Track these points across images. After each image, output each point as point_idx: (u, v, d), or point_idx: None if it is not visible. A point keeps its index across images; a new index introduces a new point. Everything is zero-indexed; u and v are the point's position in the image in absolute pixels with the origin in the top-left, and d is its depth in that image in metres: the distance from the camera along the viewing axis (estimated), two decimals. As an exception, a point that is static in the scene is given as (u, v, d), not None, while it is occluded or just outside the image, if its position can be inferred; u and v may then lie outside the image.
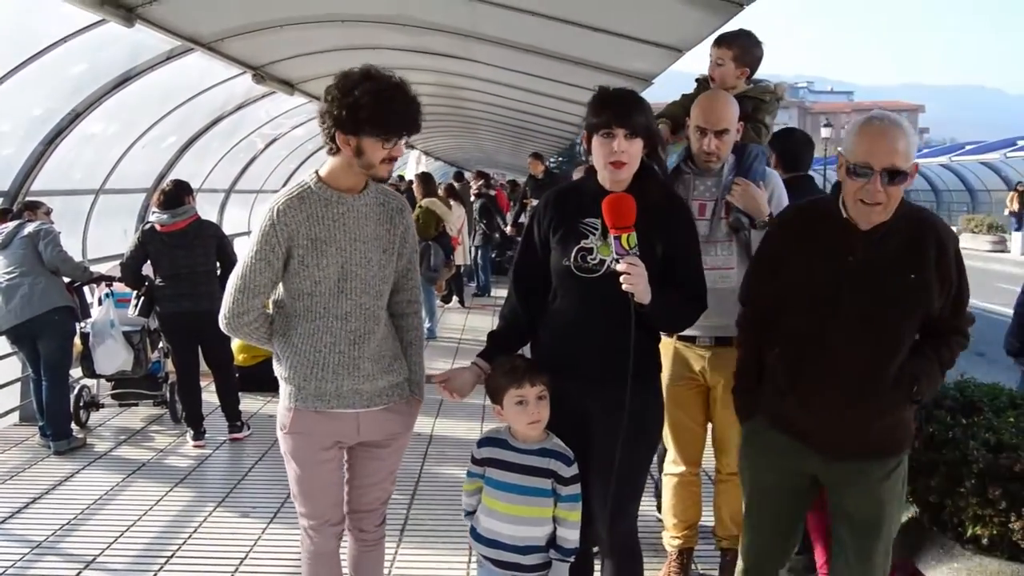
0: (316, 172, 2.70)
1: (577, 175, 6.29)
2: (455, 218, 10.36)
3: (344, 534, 2.91)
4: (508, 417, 2.61)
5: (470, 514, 2.75)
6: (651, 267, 2.54)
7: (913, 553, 3.34)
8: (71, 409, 5.66)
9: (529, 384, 2.57)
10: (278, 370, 2.76)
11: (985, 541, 3.14)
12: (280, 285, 2.70)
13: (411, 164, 16.31)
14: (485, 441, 2.67)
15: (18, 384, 6.20)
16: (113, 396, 6.15)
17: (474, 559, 3.84)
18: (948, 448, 3.29)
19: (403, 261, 2.82)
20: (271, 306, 2.76)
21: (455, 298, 11.61)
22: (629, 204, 2.51)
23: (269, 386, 3.05)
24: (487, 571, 2.68)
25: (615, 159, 2.56)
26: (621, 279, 2.48)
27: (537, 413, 2.58)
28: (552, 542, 2.61)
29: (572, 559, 2.62)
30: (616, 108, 2.59)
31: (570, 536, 2.59)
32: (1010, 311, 5.36)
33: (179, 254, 5.46)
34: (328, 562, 2.85)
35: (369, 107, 2.50)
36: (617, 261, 2.50)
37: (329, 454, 2.75)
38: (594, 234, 2.63)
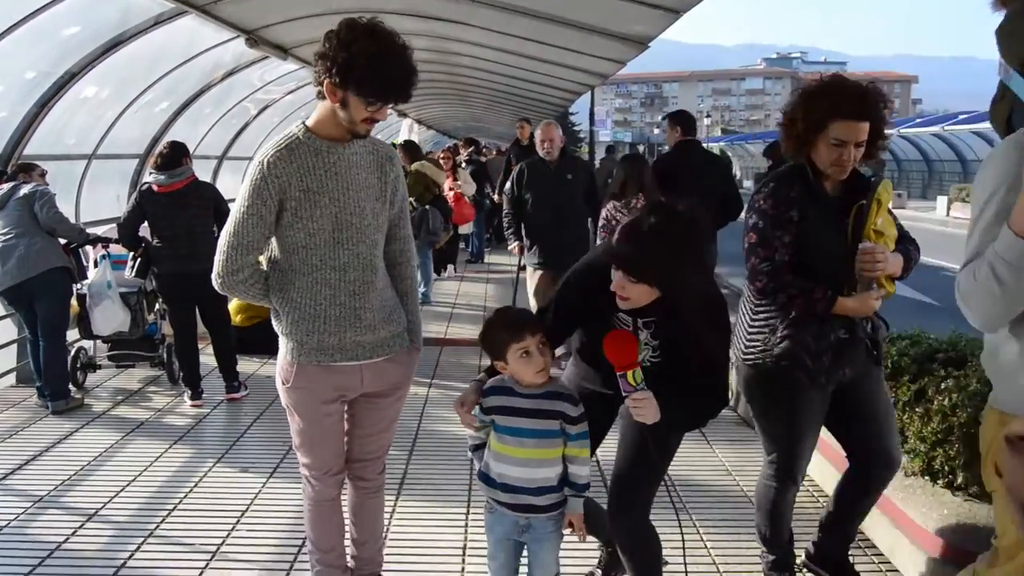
0: (303, 122, 2.67)
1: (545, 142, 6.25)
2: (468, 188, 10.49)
3: (345, 482, 2.96)
4: (514, 370, 2.62)
5: (474, 450, 2.78)
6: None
7: (905, 502, 3.40)
8: (68, 370, 5.68)
9: (530, 335, 2.59)
10: (277, 326, 2.76)
11: (974, 489, 3.21)
12: (274, 240, 2.68)
13: (403, 133, 16.19)
14: (491, 391, 2.69)
15: (15, 346, 6.22)
16: (110, 358, 6.17)
17: (473, 512, 3.93)
18: (940, 400, 3.36)
19: (395, 209, 2.81)
20: (265, 263, 2.75)
21: (450, 267, 11.59)
22: (630, 341, 2.57)
23: (266, 348, 3.07)
24: (499, 516, 2.71)
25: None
26: (631, 412, 2.57)
27: (542, 361, 2.61)
28: (564, 480, 2.66)
29: (586, 494, 2.68)
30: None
31: (582, 472, 2.65)
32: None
33: (177, 214, 5.46)
34: (329, 509, 2.90)
35: (362, 68, 2.46)
36: (627, 396, 2.56)
37: (332, 407, 2.78)
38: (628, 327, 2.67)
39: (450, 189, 10.24)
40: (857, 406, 3.02)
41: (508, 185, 6.71)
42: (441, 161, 10.50)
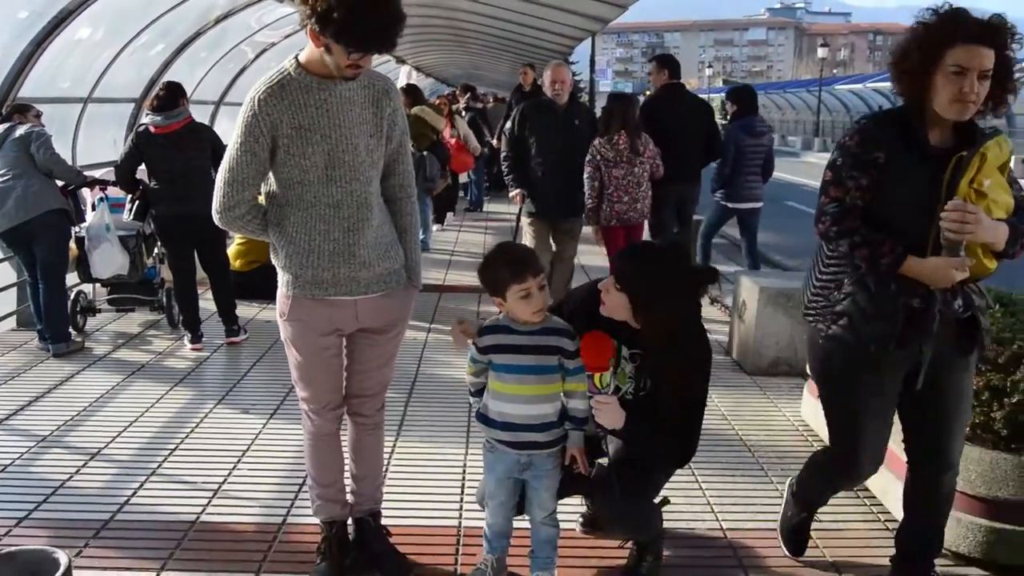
0: (296, 57, 2.64)
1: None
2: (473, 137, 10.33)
3: (344, 419, 2.99)
4: (512, 308, 2.64)
5: (476, 394, 2.81)
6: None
7: (897, 443, 3.44)
8: (68, 313, 5.70)
9: (532, 276, 2.61)
10: (275, 259, 2.78)
11: (967, 431, 3.25)
12: (271, 175, 2.69)
13: (402, 80, 16.04)
14: (487, 330, 2.71)
15: (15, 290, 6.22)
16: (109, 302, 6.18)
17: (471, 452, 3.98)
18: (935, 342, 3.38)
19: (392, 144, 2.79)
20: (264, 197, 2.76)
21: (449, 215, 11.52)
22: (606, 345, 2.61)
23: (265, 293, 3.07)
24: (500, 455, 2.75)
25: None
26: (594, 412, 2.65)
27: (542, 301, 2.63)
28: (564, 415, 2.71)
29: (586, 428, 2.74)
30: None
31: (581, 406, 2.69)
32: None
33: (174, 156, 5.42)
34: (328, 444, 2.94)
35: (342, 18, 2.40)
36: (591, 396, 2.64)
37: (328, 340, 2.80)
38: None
39: (451, 137, 10.09)
40: (927, 393, 2.64)
41: (508, 125, 6.29)
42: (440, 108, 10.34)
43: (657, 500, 2.92)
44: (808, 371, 4.48)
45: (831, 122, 43.85)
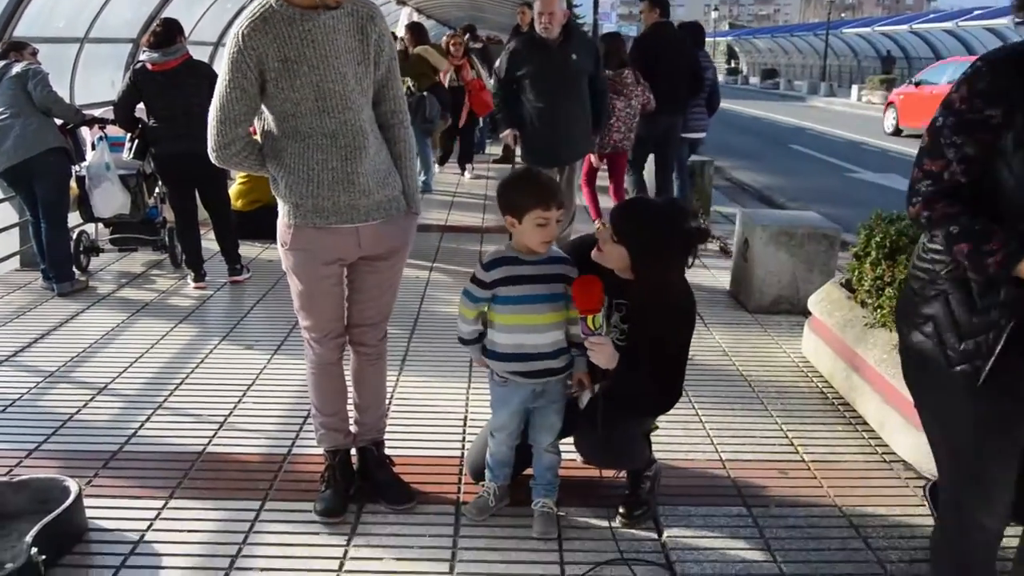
0: None
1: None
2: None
3: (348, 351, 3.02)
4: (523, 232, 2.67)
5: (469, 342, 2.85)
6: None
7: (896, 377, 3.46)
8: (72, 252, 5.70)
9: (556, 207, 2.64)
10: (275, 190, 2.79)
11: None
12: (264, 109, 2.69)
13: (402, 21, 15.76)
14: (494, 263, 2.72)
15: (16, 230, 6.22)
16: (112, 242, 6.19)
17: (474, 385, 4.01)
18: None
19: (381, 70, 2.77)
20: (259, 131, 2.76)
21: (468, 167, 10.47)
22: (597, 287, 2.60)
23: (267, 232, 3.07)
24: (512, 388, 2.79)
25: None
26: (588, 353, 2.65)
27: (553, 233, 2.67)
28: (569, 341, 2.77)
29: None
30: None
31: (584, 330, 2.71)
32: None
33: (173, 93, 5.37)
34: (331, 371, 2.97)
35: None
36: (585, 337, 2.64)
37: (330, 269, 2.81)
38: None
39: (470, 76, 9.75)
40: None
41: (498, 63, 5.99)
42: (452, 48, 9.71)
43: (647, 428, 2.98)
44: (810, 309, 4.52)
45: (838, 66, 43.26)
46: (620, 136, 6.54)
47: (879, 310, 3.80)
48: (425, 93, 8.46)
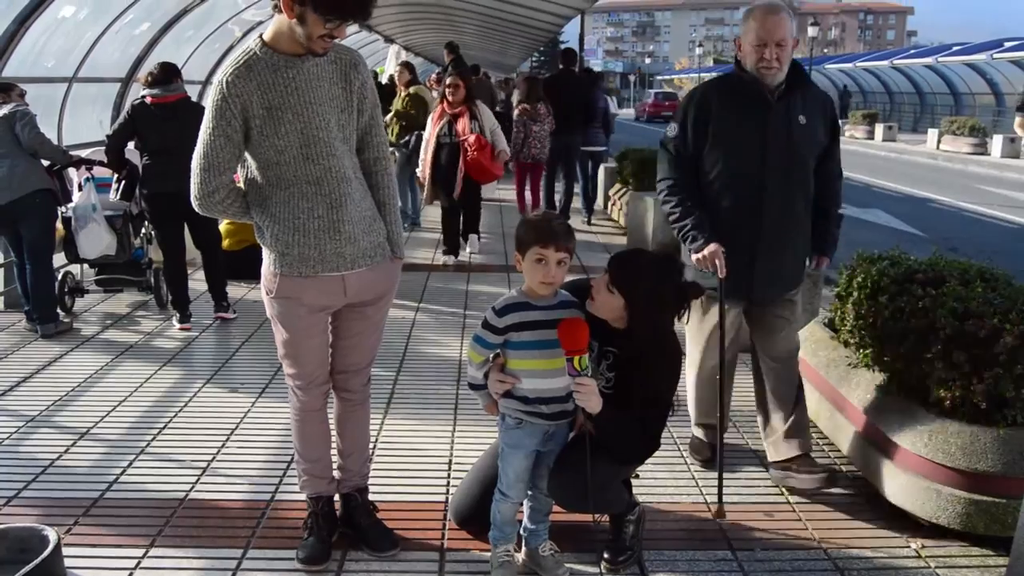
0: (260, 36, 2.64)
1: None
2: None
3: (331, 395, 3.01)
4: (525, 270, 2.70)
5: (479, 387, 2.84)
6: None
7: (878, 418, 3.48)
8: (56, 294, 5.68)
9: (554, 248, 2.64)
10: (260, 238, 2.79)
11: (947, 404, 3.28)
12: (248, 157, 2.70)
13: (390, 59, 15.90)
14: (507, 309, 2.71)
15: (1, 271, 6.20)
16: (97, 282, 6.17)
17: (459, 428, 4.00)
18: (917, 317, 3.40)
19: (364, 118, 2.79)
20: (243, 179, 2.77)
21: (472, 237, 8.15)
22: (583, 328, 2.63)
23: (253, 273, 3.08)
24: (527, 430, 2.78)
25: None
26: (574, 395, 2.65)
27: (553, 276, 2.66)
28: None
29: None
30: None
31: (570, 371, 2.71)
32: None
33: (169, 127, 5.39)
34: (315, 419, 2.96)
35: None
36: (572, 378, 2.64)
37: (316, 318, 2.82)
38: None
39: (470, 131, 7.28)
40: None
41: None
42: (448, 92, 7.47)
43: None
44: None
45: (821, 101, 43.62)
46: (537, 151, 9.03)
47: (862, 350, 3.81)
48: (421, 132, 8.27)
